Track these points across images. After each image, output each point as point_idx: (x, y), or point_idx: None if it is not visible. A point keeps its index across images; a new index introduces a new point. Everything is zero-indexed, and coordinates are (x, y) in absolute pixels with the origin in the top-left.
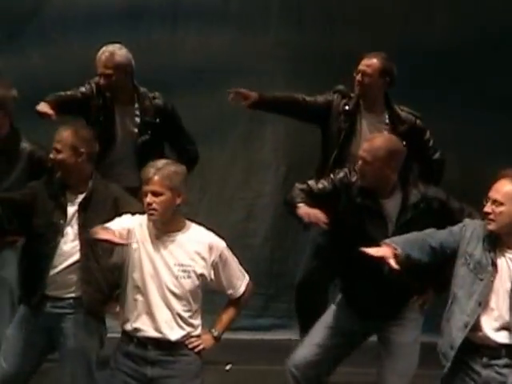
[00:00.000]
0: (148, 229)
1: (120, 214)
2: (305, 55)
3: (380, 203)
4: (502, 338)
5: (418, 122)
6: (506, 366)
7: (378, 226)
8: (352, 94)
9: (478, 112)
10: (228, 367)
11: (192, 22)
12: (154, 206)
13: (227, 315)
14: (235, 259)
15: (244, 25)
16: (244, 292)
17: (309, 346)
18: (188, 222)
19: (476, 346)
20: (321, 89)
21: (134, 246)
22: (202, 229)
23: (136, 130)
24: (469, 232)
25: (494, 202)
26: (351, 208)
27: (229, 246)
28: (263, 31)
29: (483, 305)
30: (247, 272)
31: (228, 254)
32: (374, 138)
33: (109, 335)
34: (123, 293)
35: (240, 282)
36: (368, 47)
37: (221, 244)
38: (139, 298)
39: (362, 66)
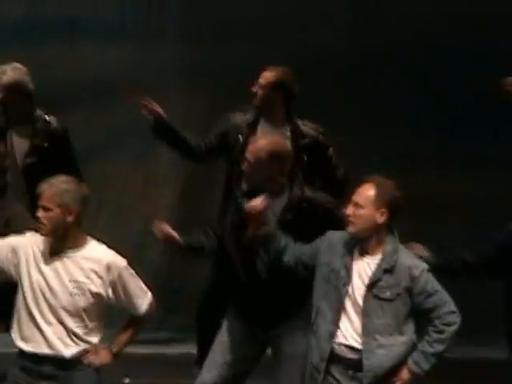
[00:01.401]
0: (45, 245)
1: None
2: (201, 69)
3: None
4: (359, 344)
5: (320, 137)
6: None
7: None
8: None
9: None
10: (126, 381)
11: (89, 36)
12: (43, 220)
13: (127, 333)
14: (136, 278)
15: (141, 39)
16: (145, 310)
17: (211, 366)
18: (89, 240)
19: (340, 358)
20: (216, 103)
21: (23, 264)
22: (102, 247)
23: (26, 152)
24: (326, 242)
25: (356, 204)
26: (235, 210)
27: (127, 259)
28: (160, 46)
29: (342, 312)
30: (146, 285)
31: (128, 273)
32: (258, 140)
33: (8, 350)
34: (17, 310)
35: (141, 300)
36: (264, 61)
37: (120, 263)
38: (32, 314)
39: (259, 79)
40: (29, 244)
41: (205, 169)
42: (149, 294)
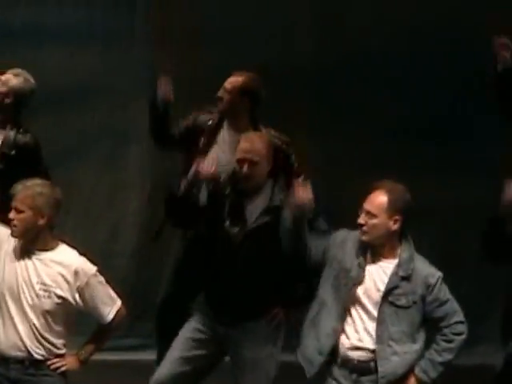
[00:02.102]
0: (18, 245)
1: None
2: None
3: (243, 202)
4: (369, 345)
5: (284, 146)
6: (371, 381)
7: (236, 224)
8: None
9: (344, 128)
10: None
11: (56, 40)
12: (15, 222)
13: (95, 340)
14: (105, 285)
15: (108, 44)
16: (113, 318)
17: (170, 360)
18: (60, 244)
19: (345, 361)
20: (184, 108)
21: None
22: (73, 252)
23: None
24: (340, 238)
25: (368, 213)
26: (218, 206)
27: (96, 267)
28: (127, 50)
29: (349, 312)
30: (116, 293)
31: (97, 280)
32: (250, 138)
33: None
34: None
35: (109, 308)
36: (232, 66)
37: (89, 270)
38: (1, 314)
39: (225, 83)
40: (7, 240)
41: (172, 173)
42: (118, 302)
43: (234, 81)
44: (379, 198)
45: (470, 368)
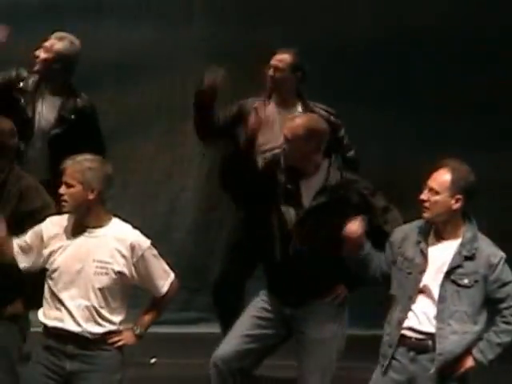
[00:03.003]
0: (69, 224)
1: (23, 209)
2: (226, 51)
3: (298, 183)
4: (427, 327)
5: (332, 118)
6: (429, 359)
7: (292, 205)
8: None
9: (400, 107)
10: (152, 361)
11: (115, 15)
12: (65, 197)
13: (150, 313)
14: (159, 259)
15: (167, 19)
16: (167, 291)
17: (236, 337)
18: (113, 219)
19: (405, 340)
20: (240, 84)
21: (52, 245)
22: (127, 226)
23: (53, 122)
24: (397, 235)
25: (431, 190)
26: (270, 186)
27: (152, 239)
28: (186, 26)
29: (416, 297)
30: (171, 266)
31: (152, 253)
32: (296, 117)
33: (33, 329)
34: (44, 288)
35: (163, 281)
36: (287, 44)
37: (144, 244)
38: (57, 292)
39: (273, 61)
40: (52, 226)
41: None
42: (172, 274)
43: (283, 58)
44: (443, 176)
45: None
